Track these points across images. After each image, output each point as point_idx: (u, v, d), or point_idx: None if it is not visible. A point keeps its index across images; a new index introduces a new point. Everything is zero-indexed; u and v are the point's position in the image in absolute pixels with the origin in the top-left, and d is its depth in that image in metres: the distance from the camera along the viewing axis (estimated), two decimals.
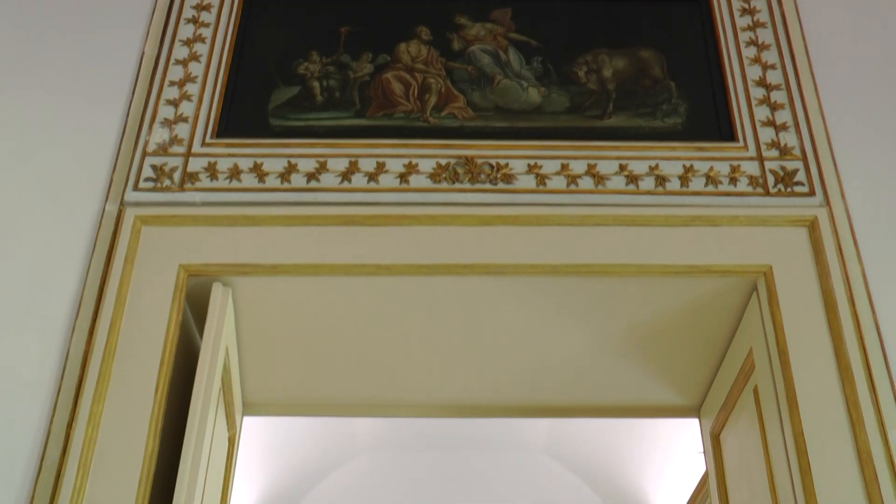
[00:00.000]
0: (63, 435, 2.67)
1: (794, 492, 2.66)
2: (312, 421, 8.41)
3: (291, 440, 8.62)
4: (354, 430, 8.85)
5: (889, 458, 2.60)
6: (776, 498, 2.85)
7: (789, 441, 2.71)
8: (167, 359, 2.80)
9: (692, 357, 3.35)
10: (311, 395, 3.58)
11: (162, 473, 2.79)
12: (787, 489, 2.72)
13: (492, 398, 3.59)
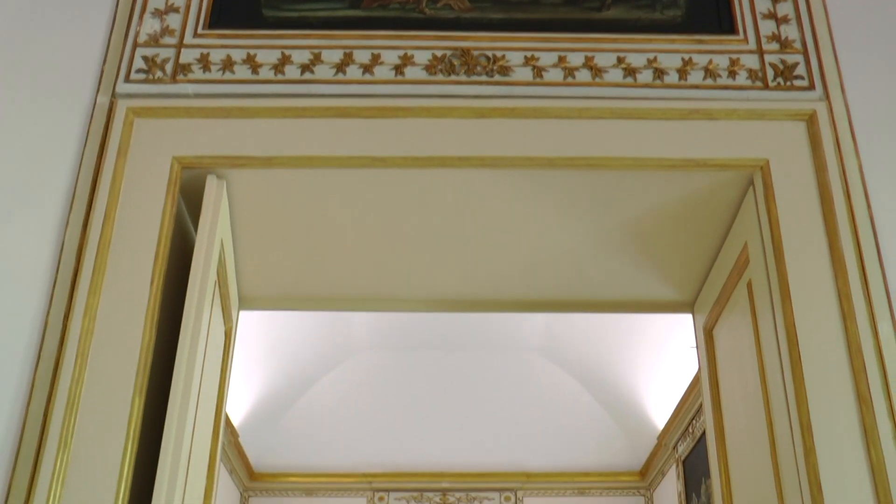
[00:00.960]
0: (60, 326, 2.70)
1: (785, 383, 2.70)
2: (308, 322, 8.49)
3: (288, 341, 8.71)
4: (350, 331, 8.95)
5: (878, 349, 2.63)
6: (767, 390, 2.89)
7: (781, 334, 2.74)
8: (162, 251, 2.80)
9: (687, 252, 3.36)
10: (307, 289, 3.60)
11: (159, 366, 2.83)
12: (777, 381, 2.76)
13: (487, 292, 3.61)
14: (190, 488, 2.90)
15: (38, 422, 2.57)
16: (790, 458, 2.65)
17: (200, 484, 3.16)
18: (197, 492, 3.09)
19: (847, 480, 2.49)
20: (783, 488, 2.72)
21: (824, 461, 2.51)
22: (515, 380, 9.47)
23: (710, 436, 3.42)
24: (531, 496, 9.71)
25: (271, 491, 9.75)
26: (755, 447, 3.00)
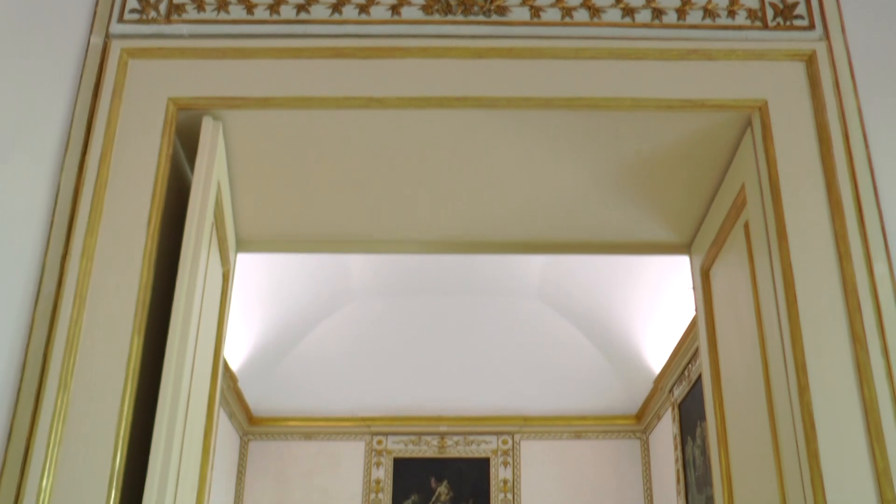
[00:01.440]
0: (58, 267, 2.70)
1: (780, 323, 2.71)
2: (306, 266, 8.51)
3: (286, 287, 8.73)
4: (349, 276, 8.97)
5: (873, 289, 2.64)
6: (762, 330, 2.90)
7: (777, 274, 2.75)
8: (159, 192, 2.80)
9: (684, 193, 3.36)
10: (304, 231, 3.60)
11: (157, 309, 2.84)
12: (773, 321, 2.77)
13: (484, 234, 3.61)
14: (189, 430, 2.93)
15: (38, 362, 2.59)
16: (784, 397, 2.68)
17: (200, 426, 3.19)
18: (196, 434, 3.12)
19: (840, 418, 2.52)
20: (777, 428, 2.75)
21: (818, 399, 2.53)
22: (513, 324, 9.52)
23: (706, 378, 3.45)
24: (528, 439, 9.82)
25: (270, 435, 9.85)
26: (750, 388, 3.02)
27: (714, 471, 3.34)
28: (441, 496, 9.62)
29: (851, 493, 2.44)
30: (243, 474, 9.67)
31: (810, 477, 2.49)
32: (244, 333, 8.74)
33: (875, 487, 2.44)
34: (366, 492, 9.62)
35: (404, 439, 9.83)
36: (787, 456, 2.66)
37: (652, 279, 8.15)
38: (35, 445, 2.48)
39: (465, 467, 9.72)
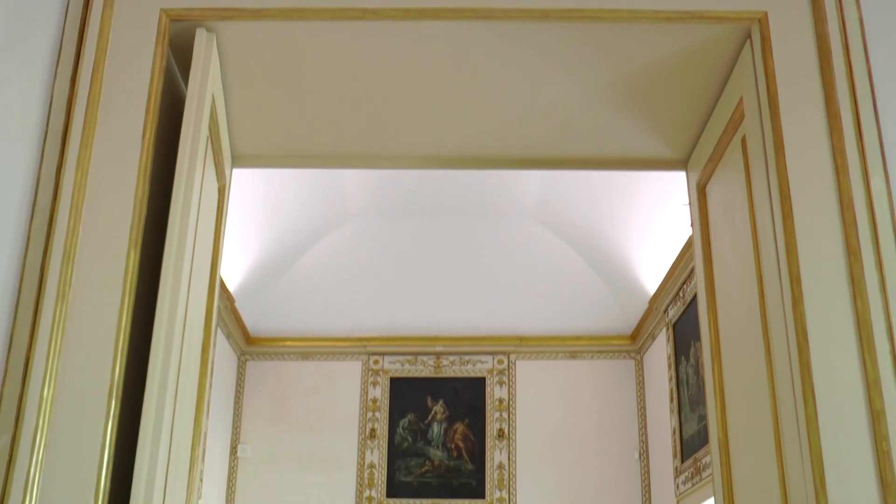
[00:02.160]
0: (53, 180, 2.69)
1: (776, 236, 2.72)
2: (302, 187, 8.49)
3: (282, 207, 8.72)
4: (345, 196, 8.96)
5: (869, 203, 2.65)
6: (758, 244, 2.91)
7: (774, 188, 2.75)
8: (153, 104, 2.78)
9: (682, 108, 3.33)
10: (300, 146, 3.58)
11: (154, 225, 2.84)
12: (768, 234, 2.78)
13: (479, 149, 3.59)
14: (187, 344, 2.95)
15: (36, 274, 2.59)
16: (778, 311, 2.70)
17: (198, 340, 3.21)
18: (194, 348, 3.14)
19: (833, 330, 2.54)
20: (771, 342, 2.77)
21: (811, 311, 2.56)
22: (509, 245, 9.54)
23: (701, 293, 3.47)
24: (523, 359, 9.92)
25: (268, 355, 9.94)
26: (745, 302, 3.04)
27: (707, 388, 3.37)
28: (437, 415, 9.76)
29: (842, 404, 2.48)
30: (241, 394, 9.78)
31: (802, 389, 2.53)
32: (241, 254, 8.76)
33: (865, 398, 2.47)
34: (363, 411, 9.75)
35: (401, 359, 9.93)
36: (779, 370, 2.69)
37: (648, 200, 8.14)
38: (35, 357, 2.50)
39: (461, 387, 9.83)
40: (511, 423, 9.66)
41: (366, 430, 9.68)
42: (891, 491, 2.37)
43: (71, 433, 2.48)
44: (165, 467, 2.70)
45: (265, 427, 9.71)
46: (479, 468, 9.53)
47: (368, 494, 9.45)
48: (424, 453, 9.63)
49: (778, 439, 2.71)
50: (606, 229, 8.94)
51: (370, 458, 9.58)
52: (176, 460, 2.87)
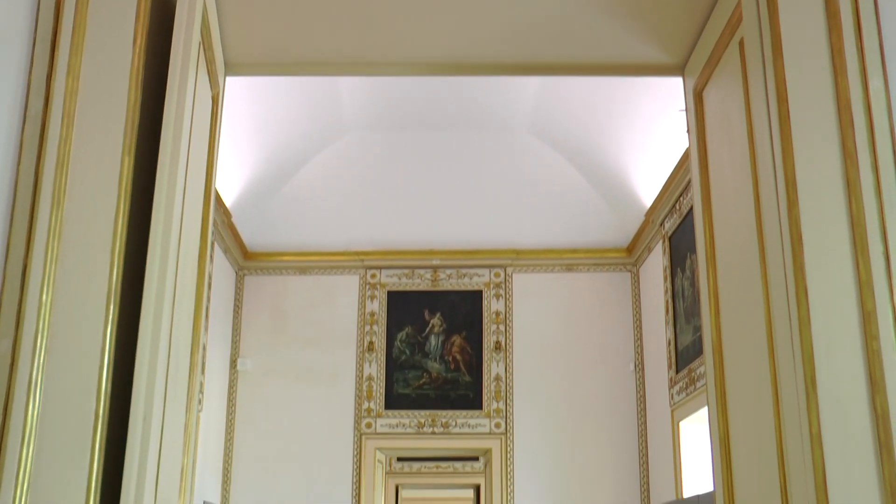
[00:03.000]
0: (44, 87, 2.67)
1: (772, 139, 2.71)
2: (297, 101, 8.41)
3: (277, 122, 8.66)
4: (340, 110, 8.89)
5: (867, 105, 2.61)
6: (754, 148, 2.90)
7: (771, 91, 2.73)
8: (143, 9, 2.74)
9: (679, 12, 3.29)
10: (293, 53, 3.53)
11: (148, 133, 2.82)
12: (765, 138, 2.77)
13: (474, 55, 3.54)
14: (184, 249, 2.95)
15: (31, 181, 2.59)
16: (774, 215, 2.70)
17: (194, 247, 3.22)
18: (191, 255, 3.15)
19: (827, 232, 2.54)
20: (766, 245, 2.77)
21: (806, 213, 2.56)
22: (505, 158, 9.51)
23: (697, 201, 3.47)
24: (520, 272, 9.96)
25: (265, 270, 9.98)
26: (740, 207, 3.04)
27: (702, 293, 3.39)
28: (434, 328, 9.84)
29: (834, 303, 2.50)
30: (240, 309, 9.85)
31: (795, 291, 2.54)
32: (237, 169, 8.73)
33: (857, 297, 2.49)
34: (360, 324, 9.83)
35: (398, 273, 9.97)
36: (773, 273, 2.70)
37: (645, 113, 8.09)
38: (33, 263, 2.51)
39: (458, 300, 9.90)
40: (508, 335, 9.76)
41: (364, 343, 9.78)
42: (878, 388, 2.40)
43: (71, 337, 2.50)
44: (165, 373, 2.73)
45: (264, 341, 9.80)
46: (477, 380, 9.66)
47: (367, 406, 9.59)
48: (422, 366, 9.74)
49: (770, 342, 2.74)
50: (603, 142, 8.90)
51: (368, 371, 9.69)
52: (175, 367, 2.90)
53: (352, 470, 9.45)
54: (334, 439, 9.54)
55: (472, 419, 9.55)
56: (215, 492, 9.17)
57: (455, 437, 9.56)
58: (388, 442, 9.54)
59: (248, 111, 8.12)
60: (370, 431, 9.55)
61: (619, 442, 9.48)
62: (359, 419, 9.58)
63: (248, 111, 8.12)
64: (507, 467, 9.41)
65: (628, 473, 9.40)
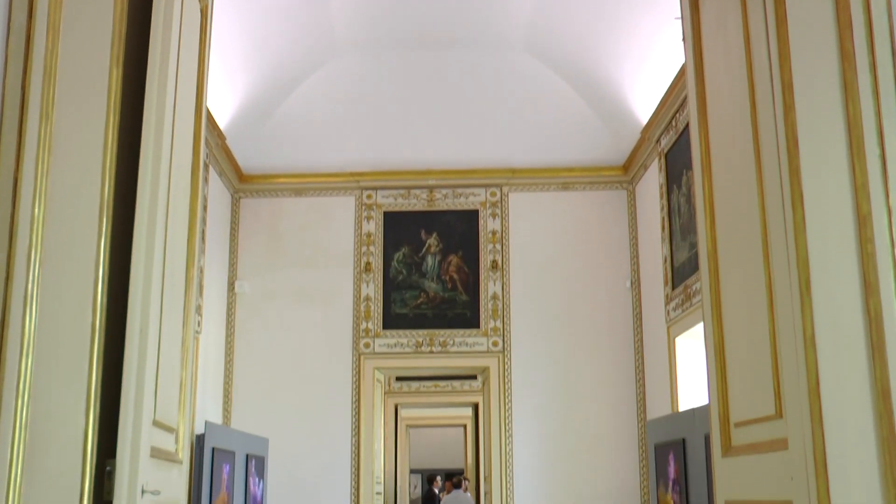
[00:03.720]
0: None
1: (769, 44, 2.67)
2: (289, 22, 8.29)
3: (270, 43, 8.55)
4: (332, 30, 8.76)
5: (866, 5, 2.57)
6: (750, 53, 2.86)
7: None
8: None
9: None
10: None
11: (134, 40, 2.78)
12: (761, 42, 2.73)
13: None
14: (176, 164, 2.94)
15: (17, 94, 2.56)
16: (770, 120, 2.68)
17: (187, 162, 3.20)
18: (184, 170, 3.13)
19: (823, 134, 2.53)
20: (761, 150, 2.76)
21: (803, 117, 2.54)
22: (500, 77, 9.41)
23: (693, 112, 3.43)
24: (516, 191, 9.95)
25: (261, 192, 9.96)
26: (736, 115, 3.01)
27: (698, 202, 3.38)
28: (431, 248, 9.86)
29: (830, 207, 2.49)
30: (236, 232, 9.85)
31: (791, 196, 2.53)
32: (229, 91, 8.65)
33: (852, 201, 2.48)
34: (357, 245, 9.85)
35: (394, 193, 9.96)
36: (769, 178, 2.69)
37: (642, 31, 7.99)
38: (23, 176, 2.50)
39: (454, 219, 9.90)
40: (504, 254, 9.78)
41: (361, 263, 9.80)
42: (872, 291, 2.41)
43: (65, 251, 2.50)
44: (160, 286, 2.74)
45: (261, 263, 9.82)
46: (474, 299, 9.71)
47: (365, 326, 9.65)
48: (419, 285, 9.78)
49: (765, 248, 2.74)
50: (598, 60, 8.80)
51: (366, 292, 9.74)
52: (171, 281, 2.91)
53: (351, 390, 9.55)
54: (333, 360, 9.62)
55: (469, 338, 9.63)
56: (216, 413, 9.28)
57: (453, 356, 9.65)
58: (387, 361, 9.63)
59: (240, 33, 8.01)
60: (368, 351, 9.63)
61: (615, 359, 9.57)
62: (357, 339, 9.66)
63: (240, 33, 8.01)
64: (504, 385, 9.52)
65: (625, 389, 9.52)
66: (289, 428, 9.49)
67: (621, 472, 9.38)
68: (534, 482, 9.37)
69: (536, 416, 9.50)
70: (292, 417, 9.54)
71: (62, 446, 2.42)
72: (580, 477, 9.37)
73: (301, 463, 9.42)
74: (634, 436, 9.42)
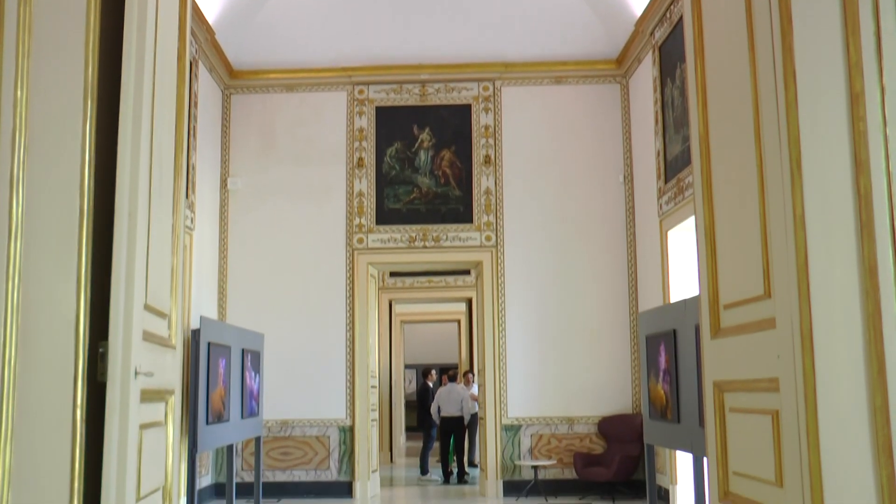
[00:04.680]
0: None
1: None
2: None
3: None
4: None
5: None
6: None
7: None
8: None
9: None
10: None
11: None
12: None
13: None
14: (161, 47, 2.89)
15: None
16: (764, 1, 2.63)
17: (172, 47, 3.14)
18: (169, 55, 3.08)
19: (817, 10, 2.49)
20: (755, 27, 2.72)
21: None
22: None
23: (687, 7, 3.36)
24: (509, 85, 9.84)
25: (252, 88, 9.84)
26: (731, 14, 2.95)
27: (689, 85, 3.34)
28: (424, 143, 9.80)
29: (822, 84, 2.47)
30: (228, 128, 9.77)
31: (783, 72, 2.50)
32: None
33: (845, 79, 2.46)
34: (350, 141, 9.78)
35: (386, 88, 9.85)
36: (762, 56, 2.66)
37: None
38: (4, 57, 2.45)
39: (447, 114, 9.82)
40: (497, 149, 9.73)
41: (353, 159, 9.76)
42: (863, 169, 2.41)
43: (50, 132, 2.47)
44: (148, 170, 2.72)
45: (254, 160, 9.78)
46: (467, 194, 9.70)
47: (358, 222, 9.66)
48: (412, 181, 9.76)
49: (757, 127, 2.72)
50: None
51: (359, 187, 9.71)
52: (159, 166, 2.89)
53: (345, 286, 9.61)
54: (327, 256, 9.66)
55: (462, 233, 9.65)
56: (212, 309, 9.35)
57: (446, 251, 9.69)
58: (380, 257, 9.67)
59: None
60: (362, 247, 9.66)
61: (607, 252, 9.62)
62: (350, 235, 9.68)
63: None
64: (497, 280, 9.58)
65: (617, 283, 9.59)
66: (284, 324, 9.58)
67: (613, 363, 9.53)
68: (526, 375, 9.52)
69: (529, 310, 9.59)
70: (287, 313, 9.62)
71: (55, 329, 2.44)
72: (572, 369, 9.51)
73: (297, 358, 9.54)
74: (626, 328, 9.53)
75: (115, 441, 2.49)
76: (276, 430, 9.46)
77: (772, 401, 2.65)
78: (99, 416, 2.52)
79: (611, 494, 9.10)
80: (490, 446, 9.46)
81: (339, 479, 9.45)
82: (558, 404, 9.47)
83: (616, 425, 9.29)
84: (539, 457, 9.41)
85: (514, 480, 9.42)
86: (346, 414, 9.49)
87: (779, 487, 2.62)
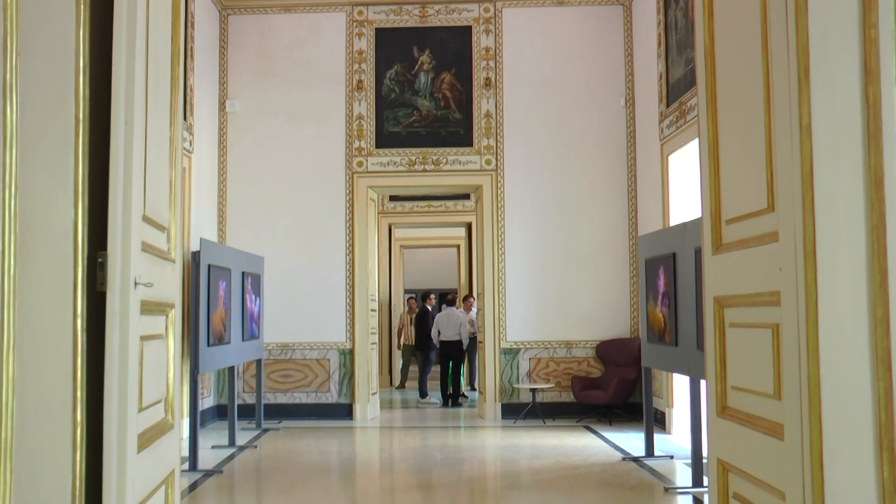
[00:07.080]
0: None
1: None
2: None
3: None
4: None
5: None
6: None
7: None
8: None
9: None
10: None
11: None
12: None
13: None
14: None
15: None
16: None
17: None
18: None
19: None
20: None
21: None
22: None
23: None
24: (510, 7, 9.70)
25: (249, 9, 9.69)
26: None
27: (696, 13, 3.27)
28: (424, 65, 9.69)
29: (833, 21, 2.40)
30: (225, 50, 9.65)
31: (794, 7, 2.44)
32: None
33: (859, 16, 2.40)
34: (349, 62, 9.67)
35: (385, 9, 9.70)
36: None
37: None
38: None
39: (447, 36, 9.69)
40: (498, 71, 9.63)
41: (353, 82, 9.66)
42: (872, 78, 2.36)
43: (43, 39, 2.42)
44: (144, 79, 2.68)
45: (252, 82, 9.68)
46: (467, 117, 9.62)
47: (358, 145, 9.60)
48: (412, 103, 9.67)
49: (764, 35, 2.66)
50: None
51: (358, 110, 9.63)
52: (155, 75, 2.84)
53: (344, 209, 9.59)
54: (326, 179, 9.62)
55: (462, 156, 9.60)
56: (212, 232, 9.34)
57: (446, 175, 9.64)
58: (380, 180, 9.63)
59: None
60: (361, 170, 9.61)
61: (608, 176, 9.58)
62: (350, 158, 9.62)
63: None
64: (497, 204, 9.55)
65: (617, 207, 9.57)
66: (284, 247, 9.59)
67: (612, 288, 9.55)
68: (526, 299, 9.55)
69: (529, 235, 9.58)
70: (287, 236, 9.61)
71: (54, 238, 2.41)
72: (571, 294, 9.54)
73: (297, 281, 9.56)
74: (626, 252, 9.54)
75: (115, 349, 2.49)
76: (277, 352, 9.52)
77: (772, 314, 2.64)
78: (100, 329, 2.51)
79: (608, 417, 9.20)
80: (489, 370, 9.53)
81: (339, 402, 9.55)
82: (557, 328, 9.52)
83: (614, 349, 9.35)
84: (537, 380, 9.49)
85: (513, 403, 9.52)
86: (346, 337, 9.54)
87: (777, 400, 2.63)
